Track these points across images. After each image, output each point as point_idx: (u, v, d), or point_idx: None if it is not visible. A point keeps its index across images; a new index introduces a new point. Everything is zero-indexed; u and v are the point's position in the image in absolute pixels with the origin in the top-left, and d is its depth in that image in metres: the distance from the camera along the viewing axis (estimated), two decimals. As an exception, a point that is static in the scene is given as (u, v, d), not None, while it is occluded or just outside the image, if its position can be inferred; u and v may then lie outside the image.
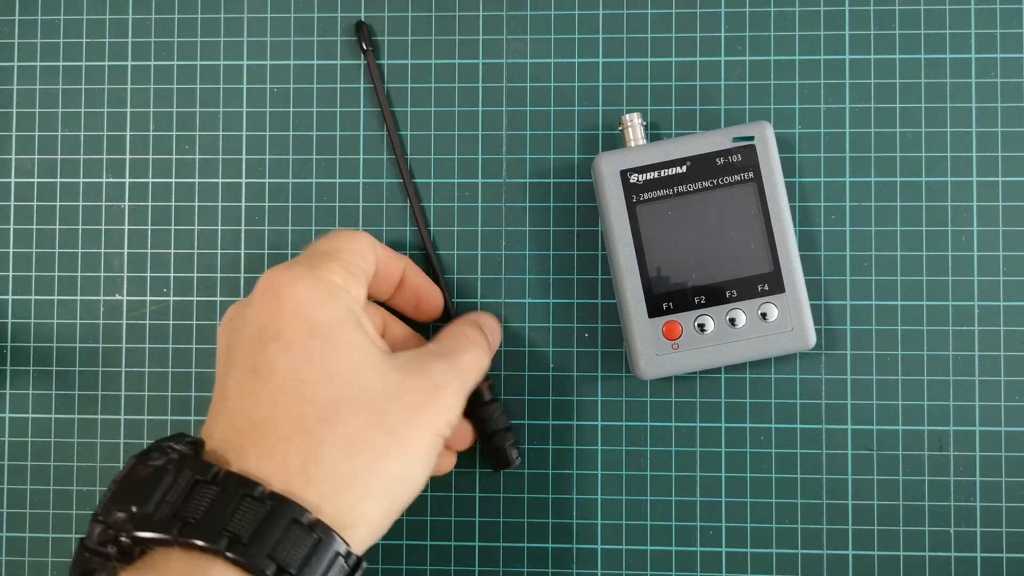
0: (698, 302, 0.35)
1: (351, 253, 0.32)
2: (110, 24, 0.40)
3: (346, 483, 0.28)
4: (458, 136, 0.39)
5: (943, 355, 0.37)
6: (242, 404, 0.29)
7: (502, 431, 0.37)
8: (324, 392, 0.29)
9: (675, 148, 0.35)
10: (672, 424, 0.38)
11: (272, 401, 0.28)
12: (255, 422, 0.28)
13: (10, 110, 0.40)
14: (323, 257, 0.31)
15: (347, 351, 0.30)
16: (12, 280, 0.40)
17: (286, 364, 0.29)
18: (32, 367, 0.39)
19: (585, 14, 0.39)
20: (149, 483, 0.27)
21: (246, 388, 0.29)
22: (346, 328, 0.30)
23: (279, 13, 0.40)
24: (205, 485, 0.27)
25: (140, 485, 0.27)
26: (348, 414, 0.29)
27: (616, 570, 0.38)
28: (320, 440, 0.28)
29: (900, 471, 0.37)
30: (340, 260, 0.32)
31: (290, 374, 0.29)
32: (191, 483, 0.27)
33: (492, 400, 0.37)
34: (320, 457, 0.28)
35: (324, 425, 0.28)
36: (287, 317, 0.29)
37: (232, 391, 0.29)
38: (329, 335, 0.29)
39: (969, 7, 0.38)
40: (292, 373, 0.29)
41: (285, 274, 0.30)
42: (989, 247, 0.38)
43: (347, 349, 0.30)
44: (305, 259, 0.31)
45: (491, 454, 0.37)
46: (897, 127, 0.38)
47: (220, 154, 0.39)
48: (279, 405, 0.28)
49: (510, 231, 0.39)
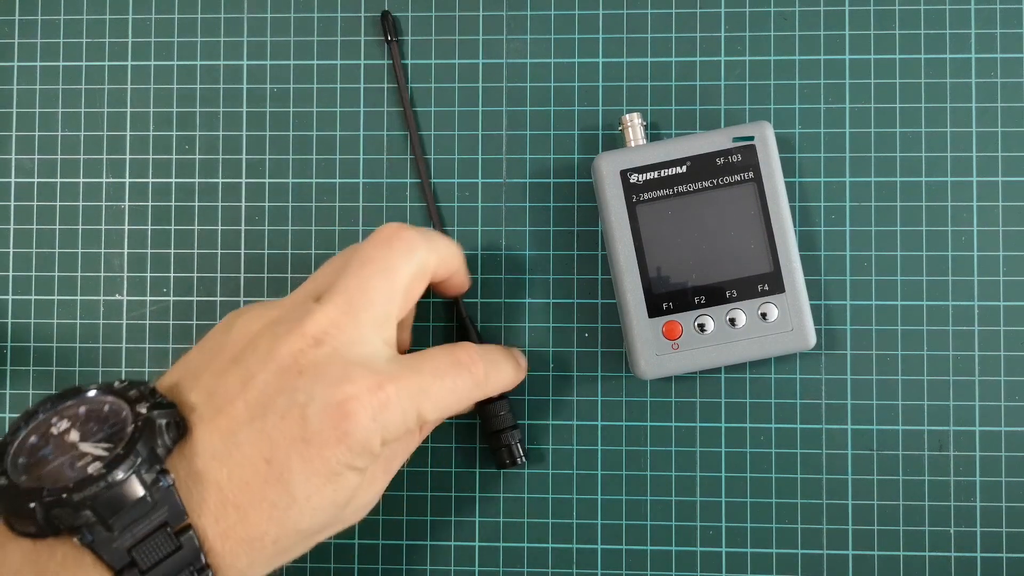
0: (698, 302, 0.35)
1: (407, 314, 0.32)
2: (110, 24, 0.40)
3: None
4: (458, 136, 0.39)
5: (943, 355, 0.37)
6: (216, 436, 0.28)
7: (507, 429, 0.37)
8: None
9: (675, 148, 0.35)
10: (672, 424, 0.38)
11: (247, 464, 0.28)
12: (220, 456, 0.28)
13: (10, 110, 0.40)
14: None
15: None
16: (12, 280, 0.40)
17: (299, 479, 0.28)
18: (32, 367, 0.39)
19: (585, 14, 0.39)
20: (126, 503, 0.26)
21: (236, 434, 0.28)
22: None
23: (279, 13, 0.40)
24: (168, 537, 0.26)
25: (119, 500, 0.26)
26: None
27: (616, 570, 0.38)
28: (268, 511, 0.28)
29: (900, 471, 0.37)
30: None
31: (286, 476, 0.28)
32: (159, 527, 0.26)
33: (498, 398, 0.37)
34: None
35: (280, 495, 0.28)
36: (347, 441, 0.28)
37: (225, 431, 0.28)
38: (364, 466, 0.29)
39: (969, 7, 0.38)
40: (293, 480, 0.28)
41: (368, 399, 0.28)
42: (989, 247, 0.38)
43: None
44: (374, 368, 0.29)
45: (495, 452, 0.37)
46: (897, 127, 0.38)
47: (220, 154, 0.39)
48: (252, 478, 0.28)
49: (510, 231, 0.39)
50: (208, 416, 0.28)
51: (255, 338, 0.29)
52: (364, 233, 0.39)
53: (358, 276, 0.30)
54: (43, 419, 0.28)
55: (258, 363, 0.29)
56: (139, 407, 0.27)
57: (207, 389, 0.29)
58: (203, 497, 0.27)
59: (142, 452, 0.26)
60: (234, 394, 0.28)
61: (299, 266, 0.39)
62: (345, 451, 0.28)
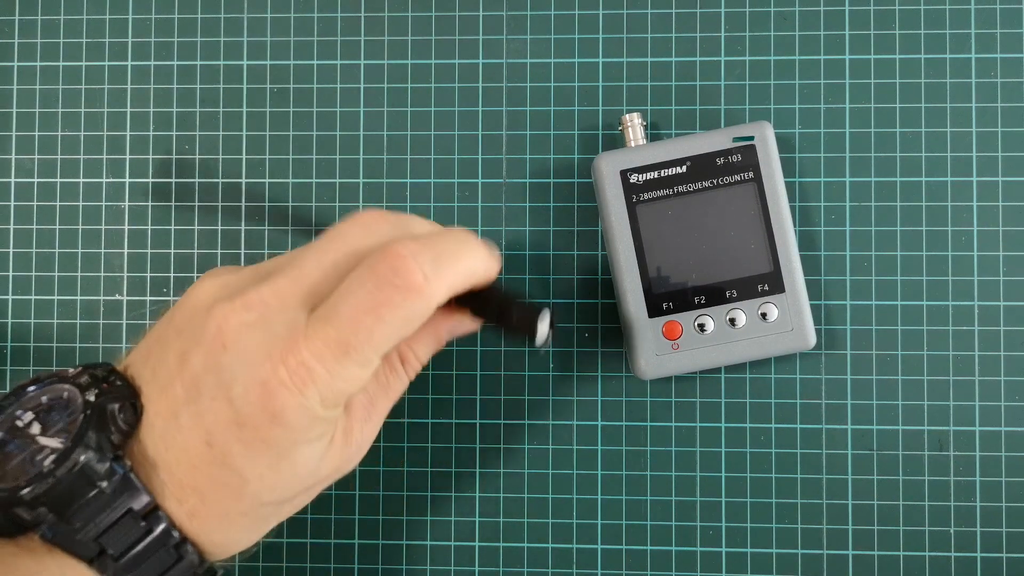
0: (698, 302, 0.35)
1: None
2: (110, 24, 0.40)
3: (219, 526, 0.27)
4: (458, 136, 0.39)
5: (943, 355, 0.37)
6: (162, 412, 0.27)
7: (514, 301, 0.30)
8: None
9: (675, 148, 0.35)
10: (672, 424, 0.38)
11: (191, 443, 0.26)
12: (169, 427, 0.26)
13: (10, 110, 0.40)
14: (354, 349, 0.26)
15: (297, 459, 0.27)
16: (12, 280, 0.40)
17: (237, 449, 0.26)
18: (32, 367, 0.39)
19: (585, 14, 0.39)
20: (79, 496, 0.25)
21: (179, 407, 0.26)
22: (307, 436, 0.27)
23: (279, 13, 0.40)
24: (135, 522, 0.26)
25: (72, 494, 0.25)
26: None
27: (616, 570, 0.38)
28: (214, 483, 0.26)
29: (900, 471, 0.37)
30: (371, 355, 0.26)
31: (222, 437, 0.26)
32: (123, 514, 0.25)
33: (481, 290, 0.29)
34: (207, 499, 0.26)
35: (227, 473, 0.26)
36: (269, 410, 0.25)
37: (168, 395, 0.26)
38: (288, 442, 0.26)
39: (969, 7, 0.38)
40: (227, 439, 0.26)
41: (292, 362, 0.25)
42: (989, 247, 0.38)
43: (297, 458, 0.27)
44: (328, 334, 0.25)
45: (515, 328, 0.30)
46: (897, 127, 0.38)
47: (220, 154, 0.39)
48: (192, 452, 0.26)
49: (510, 231, 0.39)
50: (154, 396, 0.26)
51: (198, 307, 0.27)
52: (364, 233, 0.39)
53: (319, 246, 0.27)
54: (8, 413, 0.26)
55: (192, 338, 0.26)
56: (88, 394, 0.26)
57: (152, 367, 0.27)
58: (161, 480, 0.26)
59: (91, 442, 0.25)
60: (173, 373, 0.26)
61: (299, 266, 0.39)
62: (282, 430, 0.25)
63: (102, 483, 0.25)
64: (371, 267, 0.25)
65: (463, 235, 0.28)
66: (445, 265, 0.26)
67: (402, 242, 0.26)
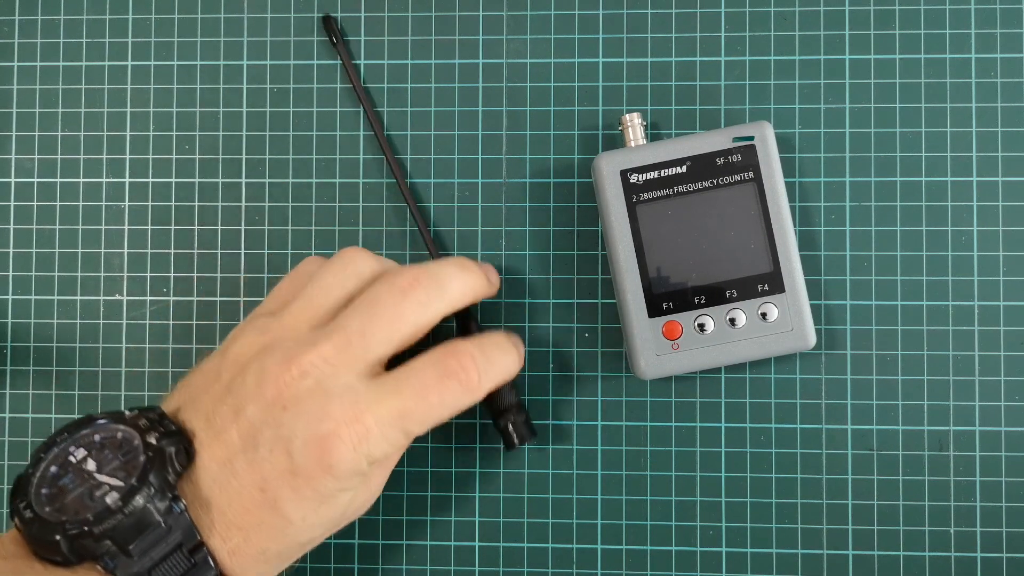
0: (698, 302, 0.35)
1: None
2: (110, 24, 0.40)
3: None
4: (458, 136, 0.39)
5: (943, 355, 0.37)
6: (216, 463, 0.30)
7: (512, 408, 0.35)
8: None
9: (675, 148, 0.35)
10: (672, 424, 0.38)
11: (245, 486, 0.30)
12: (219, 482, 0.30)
13: (10, 110, 0.40)
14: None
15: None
16: (12, 280, 0.40)
17: (290, 500, 0.29)
18: (32, 367, 0.39)
19: (585, 14, 0.39)
20: (143, 530, 0.28)
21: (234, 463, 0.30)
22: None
23: (279, 13, 0.40)
24: (183, 557, 0.28)
25: (136, 529, 0.28)
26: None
27: (616, 570, 0.38)
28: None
29: (900, 471, 0.37)
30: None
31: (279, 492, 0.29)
32: (174, 548, 0.28)
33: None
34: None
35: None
36: (326, 466, 0.29)
37: (219, 452, 0.30)
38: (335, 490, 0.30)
39: (969, 7, 0.38)
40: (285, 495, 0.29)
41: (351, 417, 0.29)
42: (989, 247, 0.38)
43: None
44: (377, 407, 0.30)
45: (501, 433, 0.36)
46: (897, 127, 0.38)
47: (220, 154, 0.39)
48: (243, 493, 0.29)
49: (510, 231, 0.39)
50: (207, 442, 0.30)
51: (247, 366, 0.30)
52: (364, 233, 0.39)
53: (362, 317, 0.30)
54: (61, 448, 0.29)
55: (247, 394, 0.30)
56: (149, 437, 0.29)
57: (205, 415, 0.30)
58: (211, 520, 0.29)
59: (155, 482, 0.28)
60: (228, 422, 0.30)
61: (299, 266, 0.39)
62: (332, 480, 0.29)
63: (161, 520, 0.28)
64: (441, 360, 0.30)
65: (507, 344, 0.33)
66: (494, 370, 0.32)
67: (466, 346, 0.31)
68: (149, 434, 0.29)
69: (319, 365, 0.29)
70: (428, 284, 0.31)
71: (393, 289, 0.31)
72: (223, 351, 0.32)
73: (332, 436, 0.29)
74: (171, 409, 0.31)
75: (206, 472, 0.29)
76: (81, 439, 0.29)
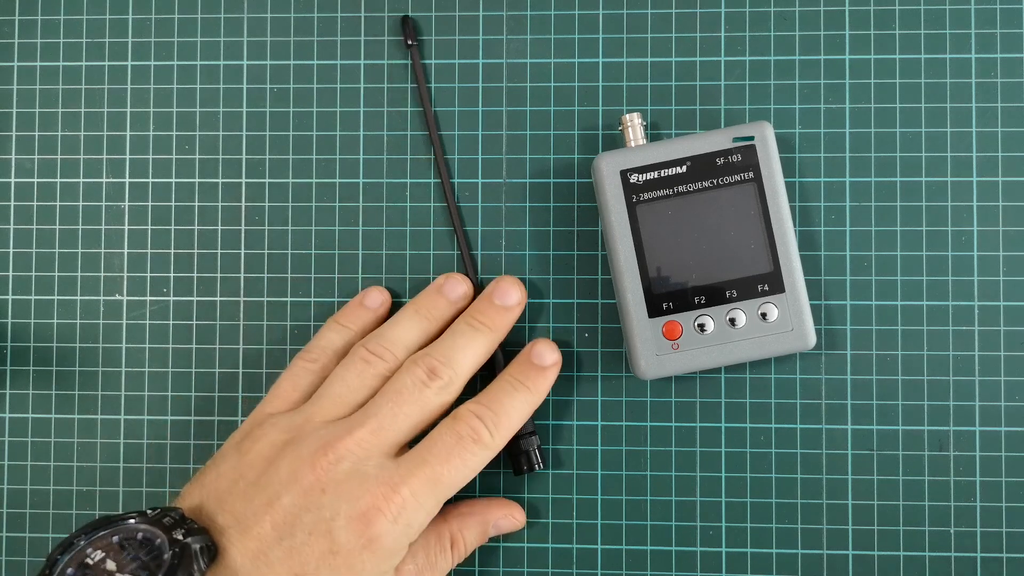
0: (698, 302, 0.35)
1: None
2: (110, 24, 0.40)
3: None
4: (458, 136, 0.39)
5: (943, 355, 0.37)
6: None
7: (526, 435, 0.37)
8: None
9: (675, 148, 0.35)
10: (672, 424, 0.38)
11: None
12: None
13: (10, 110, 0.40)
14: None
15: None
16: (12, 280, 0.40)
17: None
18: (32, 367, 0.39)
19: (585, 14, 0.39)
20: None
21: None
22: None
23: (279, 13, 0.40)
24: None
25: None
26: None
27: (616, 570, 0.38)
28: None
29: (900, 471, 0.37)
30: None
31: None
32: None
33: None
34: None
35: None
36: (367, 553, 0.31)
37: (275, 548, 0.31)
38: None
39: (969, 7, 0.38)
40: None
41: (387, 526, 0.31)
42: (989, 247, 0.38)
43: None
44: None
45: (513, 458, 0.37)
46: (897, 127, 0.38)
47: (220, 154, 0.39)
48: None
49: (510, 231, 0.39)
50: (236, 538, 0.31)
51: (275, 459, 0.32)
52: (364, 233, 0.39)
53: (391, 404, 0.33)
54: (78, 550, 0.29)
55: (281, 485, 0.31)
56: (175, 534, 0.29)
57: (233, 512, 0.31)
58: None
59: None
60: (260, 515, 0.31)
61: (299, 266, 0.39)
62: (371, 556, 0.31)
63: None
64: (452, 427, 0.33)
65: (515, 382, 0.35)
66: (504, 420, 0.34)
67: (472, 408, 0.34)
68: (175, 531, 0.29)
69: (354, 450, 0.32)
70: (443, 369, 0.34)
71: (416, 380, 0.34)
72: (241, 451, 0.33)
73: (373, 510, 0.31)
74: (190, 508, 0.32)
75: (236, 567, 0.30)
76: (98, 541, 0.30)
